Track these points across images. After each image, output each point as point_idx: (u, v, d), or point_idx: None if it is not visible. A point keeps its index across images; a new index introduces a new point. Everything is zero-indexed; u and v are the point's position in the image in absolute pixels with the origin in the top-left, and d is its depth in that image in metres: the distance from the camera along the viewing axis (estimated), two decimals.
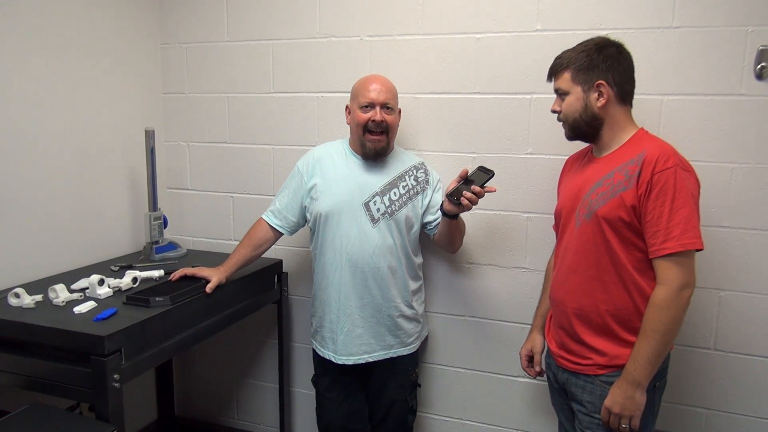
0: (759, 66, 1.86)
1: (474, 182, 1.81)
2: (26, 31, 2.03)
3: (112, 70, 2.40)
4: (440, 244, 2.12)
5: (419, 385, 2.23)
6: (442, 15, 2.19)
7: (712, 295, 2.01)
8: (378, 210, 2.01)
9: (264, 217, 2.16)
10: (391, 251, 2.01)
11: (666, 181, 1.48)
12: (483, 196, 1.80)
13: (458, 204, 1.81)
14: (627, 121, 1.65)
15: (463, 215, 1.95)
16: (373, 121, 1.96)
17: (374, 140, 1.99)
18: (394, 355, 2.08)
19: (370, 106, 1.97)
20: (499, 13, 2.12)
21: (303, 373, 2.58)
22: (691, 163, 1.59)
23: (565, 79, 1.64)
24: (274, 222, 2.14)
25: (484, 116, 2.19)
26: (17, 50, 2.00)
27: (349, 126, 2.08)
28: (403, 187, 2.04)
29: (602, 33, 1.69)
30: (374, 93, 1.97)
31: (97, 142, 2.35)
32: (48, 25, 2.10)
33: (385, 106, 1.98)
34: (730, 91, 1.91)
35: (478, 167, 1.85)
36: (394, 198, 2.02)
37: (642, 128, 1.66)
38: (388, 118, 1.99)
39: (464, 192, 1.79)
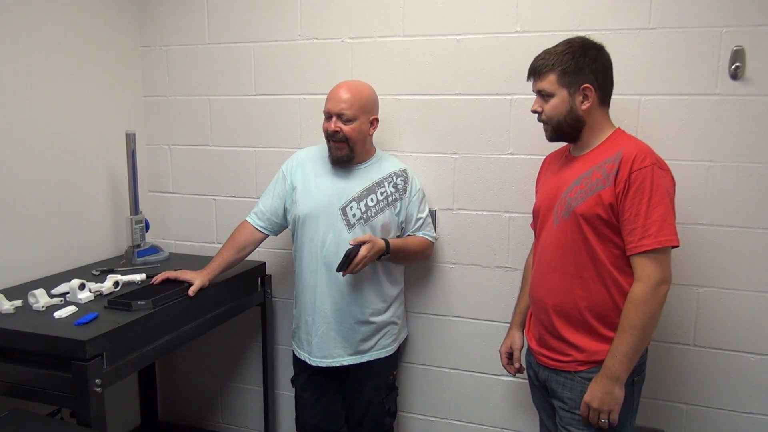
0: (733, 66, 1.89)
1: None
2: (3, 34, 2.00)
3: (92, 73, 2.38)
4: None
5: (396, 388, 2.22)
6: (423, 16, 2.20)
7: (690, 292, 2.04)
8: (354, 215, 2.01)
9: (248, 219, 2.16)
10: None
11: (643, 179, 1.51)
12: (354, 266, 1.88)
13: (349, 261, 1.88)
14: (605, 121, 1.68)
15: (445, 216, 1.96)
16: (327, 130, 1.98)
17: (335, 147, 2.01)
18: (370, 359, 2.08)
19: (327, 115, 2.00)
20: (479, 14, 2.14)
21: (287, 376, 2.56)
22: (669, 161, 1.62)
23: (551, 81, 1.62)
24: (258, 223, 2.14)
25: (465, 117, 2.20)
26: None
27: None
28: (381, 194, 2.05)
29: (580, 34, 1.70)
30: (330, 102, 1.99)
31: (78, 145, 2.32)
32: (26, 29, 2.08)
33: (340, 117, 1.97)
34: (705, 91, 1.94)
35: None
36: (370, 204, 2.03)
37: (619, 128, 1.68)
38: (345, 128, 1.97)
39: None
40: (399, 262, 2.13)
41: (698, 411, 2.09)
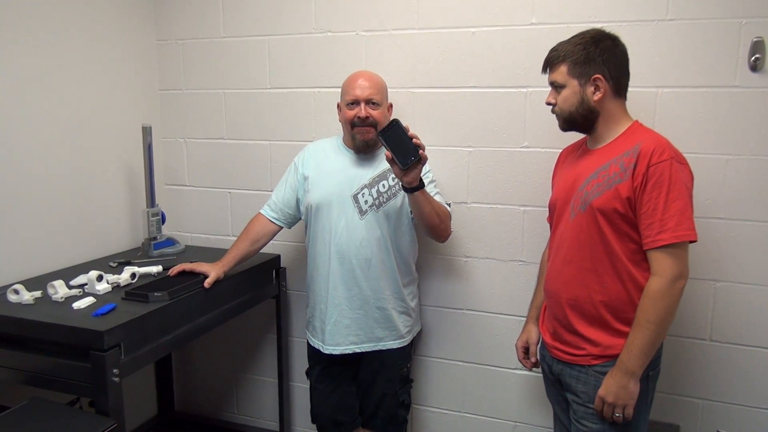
0: (753, 58, 1.87)
1: (400, 142, 1.72)
2: (22, 29, 2.03)
3: (109, 67, 2.40)
4: (422, 229, 2.03)
5: (412, 380, 2.23)
6: (438, 9, 2.20)
7: (707, 286, 2.02)
8: (366, 202, 2.02)
9: (261, 211, 2.19)
10: (378, 243, 2.02)
11: (661, 173, 1.49)
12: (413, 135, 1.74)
13: (416, 162, 1.73)
14: (622, 113, 1.66)
15: (460, 209, 1.93)
16: (358, 117, 1.99)
17: (362, 131, 2.00)
18: (383, 348, 2.09)
19: (355, 103, 2.00)
20: (494, 6, 2.12)
21: (302, 368, 2.57)
22: (687, 155, 1.60)
23: (561, 73, 1.64)
24: (271, 215, 2.16)
25: (480, 110, 2.19)
26: (12, 48, 2.00)
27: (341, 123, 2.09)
28: (393, 179, 2.04)
29: (597, 26, 1.69)
30: (358, 90, 1.99)
31: (95, 138, 2.35)
32: (43, 23, 2.10)
33: (369, 102, 1.99)
34: (724, 83, 1.92)
35: (379, 136, 1.75)
36: (382, 190, 2.03)
37: (636, 120, 1.67)
38: (374, 113, 2.00)
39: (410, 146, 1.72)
40: (422, 217, 1.94)
41: (714, 406, 2.08)
